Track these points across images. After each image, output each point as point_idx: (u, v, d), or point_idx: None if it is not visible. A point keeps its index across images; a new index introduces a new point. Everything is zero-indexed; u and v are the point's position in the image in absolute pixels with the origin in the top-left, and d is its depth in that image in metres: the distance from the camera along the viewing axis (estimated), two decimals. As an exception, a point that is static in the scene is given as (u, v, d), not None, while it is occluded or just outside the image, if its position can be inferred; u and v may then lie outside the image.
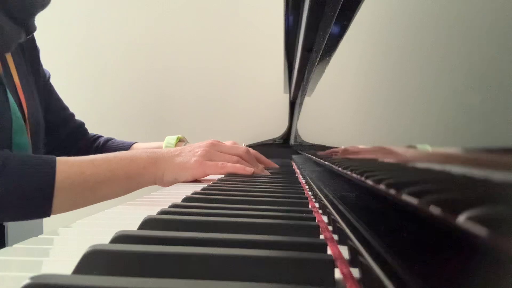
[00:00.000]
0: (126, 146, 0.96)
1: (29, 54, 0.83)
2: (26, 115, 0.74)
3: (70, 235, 0.29)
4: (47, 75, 0.92)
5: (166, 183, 0.63)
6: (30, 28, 0.75)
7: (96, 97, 1.56)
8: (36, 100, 0.81)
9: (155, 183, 0.64)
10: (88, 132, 1.00)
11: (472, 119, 0.12)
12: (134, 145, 0.97)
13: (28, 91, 0.78)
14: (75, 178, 0.57)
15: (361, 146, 0.29)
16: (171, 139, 0.92)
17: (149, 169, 0.62)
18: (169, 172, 0.62)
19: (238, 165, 0.64)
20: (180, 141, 0.92)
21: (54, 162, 0.57)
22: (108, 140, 0.99)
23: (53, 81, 0.94)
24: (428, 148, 0.16)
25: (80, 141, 0.97)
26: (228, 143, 0.76)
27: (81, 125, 0.98)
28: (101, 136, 1.00)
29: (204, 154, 0.63)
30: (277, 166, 0.87)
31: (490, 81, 0.11)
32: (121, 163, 0.61)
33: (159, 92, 1.56)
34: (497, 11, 0.11)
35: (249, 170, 0.64)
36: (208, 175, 0.64)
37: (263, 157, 0.85)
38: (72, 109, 0.98)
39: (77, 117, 0.99)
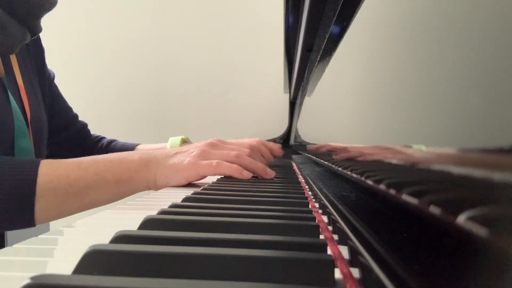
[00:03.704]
0: (130, 148, 0.93)
1: (34, 55, 0.82)
2: (29, 119, 0.71)
3: (70, 235, 0.29)
4: (52, 76, 0.89)
5: (160, 188, 0.57)
6: (35, 29, 0.72)
7: (96, 97, 1.56)
8: (40, 102, 0.78)
9: (148, 188, 0.57)
10: (91, 133, 0.98)
11: (472, 119, 0.12)
12: (138, 147, 0.94)
13: (32, 93, 0.76)
14: (59, 182, 0.53)
15: (358, 146, 0.29)
16: (175, 139, 0.89)
17: (140, 173, 0.56)
18: (161, 175, 0.56)
19: (234, 166, 0.57)
20: (184, 142, 0.90)
21: (37, 164, 0.53)
22: (112, 141, 0.97)
23: (56, 81, 0.93)
24: (427, 148, 0.16)
25: (83, 142, 0.95)
26: (246, 140, 0.70)
27: (84, 126, 0.96)
28: (104, 138, 0.98)
29: (199, 153, 0.57)
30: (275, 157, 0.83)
31: (490, 81, 0.11)
32: (110, 166, 0.55)
33: (159, 92, 1.56)
34: (497, 10, 0.11)
35: (246, 174, 0.58)
36: (202, 176, 0.57)
37: (267, 152, 0.79)
38: (74, 109, 0.97)
39: (79, 118, 0.98)
